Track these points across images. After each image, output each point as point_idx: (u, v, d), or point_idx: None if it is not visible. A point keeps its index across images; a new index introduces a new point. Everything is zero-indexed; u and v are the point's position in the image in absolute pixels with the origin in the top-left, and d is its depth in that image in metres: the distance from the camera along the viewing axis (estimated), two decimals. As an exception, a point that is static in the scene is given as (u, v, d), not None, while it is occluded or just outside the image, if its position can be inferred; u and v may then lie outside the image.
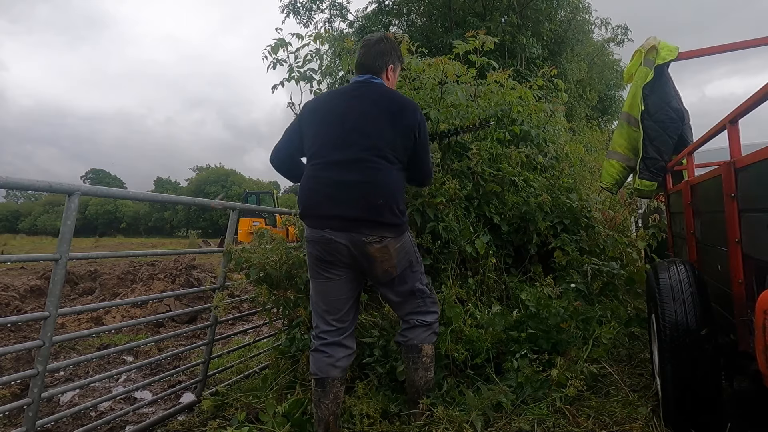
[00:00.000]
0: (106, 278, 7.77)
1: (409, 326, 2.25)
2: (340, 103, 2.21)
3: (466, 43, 3.50)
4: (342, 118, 2.14)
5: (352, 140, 2.09)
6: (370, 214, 2.03)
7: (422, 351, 2.23)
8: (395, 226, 2.09)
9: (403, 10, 16.83)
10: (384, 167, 2.09)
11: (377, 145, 2.08)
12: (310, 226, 2.12)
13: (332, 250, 2.07)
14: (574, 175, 3.94)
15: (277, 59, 3.33)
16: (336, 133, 2.12)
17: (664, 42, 3.07)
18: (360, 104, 2.16)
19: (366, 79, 2.26)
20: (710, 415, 1.76)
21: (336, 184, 2.05)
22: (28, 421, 2.01)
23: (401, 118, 2.14)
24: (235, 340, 4.30)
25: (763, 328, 1.23)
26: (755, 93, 1.55)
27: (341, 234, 2.04)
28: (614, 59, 19.47)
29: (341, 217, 2.03)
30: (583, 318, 2.81)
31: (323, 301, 2.15)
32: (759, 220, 1.50)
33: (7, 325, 4.87)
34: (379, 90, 2.22)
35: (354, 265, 2.12)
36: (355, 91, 2.23)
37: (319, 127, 2.17)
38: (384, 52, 2.30)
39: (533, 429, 2.08)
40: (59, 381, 3.66)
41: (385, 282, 2.19)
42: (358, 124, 2.11)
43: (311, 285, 2.20)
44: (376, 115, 2.12)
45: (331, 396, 2.09)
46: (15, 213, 67.98)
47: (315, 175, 2.12)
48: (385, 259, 2.09)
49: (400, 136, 2.13)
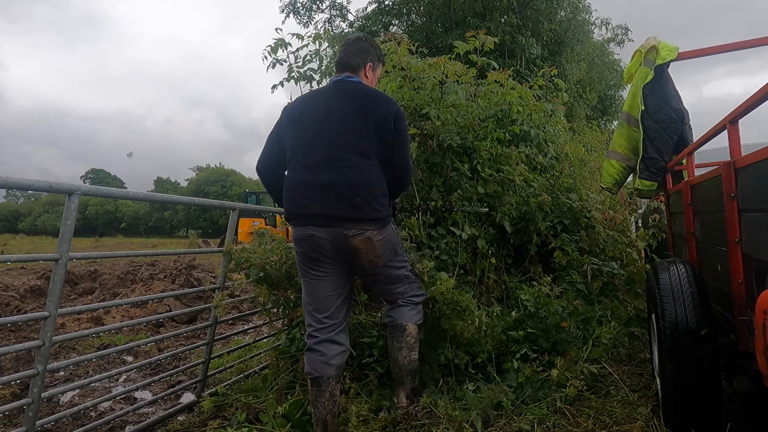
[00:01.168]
0: (106, 278, 7.76)
1: (396, 306, 2.30)
2: (315, 104, 2.23)
3: (466, 43, 3.51)
4: (316, 120, 2.16)
5: (327, 140, 2.12)
6: (350, 211, 2.07)
7: (406, 330, 2.27)
8: (376, 220, 2.12)
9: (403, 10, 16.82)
10: (361, 164, 2.11)
11: (352, 143, 2.11)
12: (295, 225, 2.15)
13: (316, 246, 2.10)
14: (574, 175, 3.94)
15: (276, 59, 3.33)
16: (311, 135, 2.15)
17: (664, 42, 3.07)
18: (334, 103, 2.18)
19: (342, 78, 2.29)
20: (710, 415, 1.76)
21: (314, 186, 2.09)
22: (28, 421, 2.00)
23: (375, 111, 2.14)
24: (235, 340, 4.30)
25: (763, 328, 1.23)
26: (755, 93, 1.55)
27: (323, 230, 2.07)
28: (614, 59, 19.45)
29: (322, 215, 2.07)
30: (583, 318, 2.81)
31: (313, 299, 2.17)
32: (759, 220, 1.50)
33: (7, 325, 4.87)
34: (354, 87, 2.24)
35: (339, 260, 2.15)
36: (330, 91, 2.26)
37: (296, 131, 2.19)
38: (362, 50, 2.32)
39: (533, 429, 2.08)
40: (59, 381, 3.66)
41: (373, 272, 2.23)
42: (332, 124, 2.13)
43: (302, 285, 2.22)
44: (350, 111, 2.14)
45: (327, 395, 2.10)
46: (15, 213, 68.00)
47: (295, 178, 2.16)
48: (369, 250, 2.13)
49: (375, 129, 2.13)
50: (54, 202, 60.04)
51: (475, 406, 2.17)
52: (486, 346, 2.52)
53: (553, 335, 2.66)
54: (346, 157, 2.09)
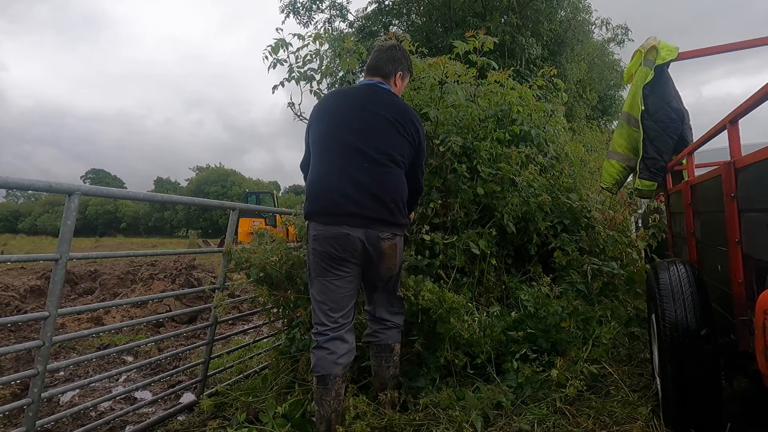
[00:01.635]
0: (106, 278, 7.76)
1: (385, 327, 2.36)
2: (350, 104, 2.25)
3: (466, 43, 3.50)
4: (353, 120, 2.19)
5: (363, 142, 2.15)
6: (384, 214, 2.13)
7: (394, 350, 2.36)
8: (403, 226, 2.25)
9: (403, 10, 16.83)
10: (393, 170, 2.19)
11: (388, 150, 2.17)
12: (324, 223, 2.13)
13: (347, 246, 2.11)
14: (574, 175, 3.93)
15: (277, 59, 3.33)
16: (346, 134, 2.17)
17: (664, 42, 3.07)
18: (369, 106, 2.21)
19: (375, 83, 2.32)
20: (710, 415, 1.76)
21: (351, 184, 2.11)
22: (28, 421, 2.01)
23: (408, 124, 2.24)
24: (235, 340, 4.30)
25: (763, 328, 1.23)
26: (755, 93, 1.55)
27: (359, 230, 2.10)
28: (614, 59, 19.46)
29: (359, 215, 2.10)
30: (583, 318, 2.81)
31: (330, 299, 2.16)
32: (759, 220, 1.50)
33: (7, 325, 4.87)
34: (387, 96, 2.29)
35: (361, 262, 2.18)
36: (362, 94, 2.28)
37: (326, 128, 2.22)
38: (395, 58, 2.37)
39: (533, 429, 2.08)
40: (59, 381, 3.66)
41: (384, 279, 2.28)
42: (368, 127, 2.18)
43: (314, 283, 2.20)
44: (385, 119, 2.19)
45: (333, 393, 2.10)
46: (15, 213, 67.97)
47: (329, 176, 2.16)
48: (392, 256, 2.21)
49: (405, 140, 2.23)
50: (54, 202, 60.03)
51: (475, 406, 2.17)
52: (485, 346, 2.52)
53: (552, 335, 2.66)
54: (383, 162, 2.16)
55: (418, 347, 2.53)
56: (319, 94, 3.47)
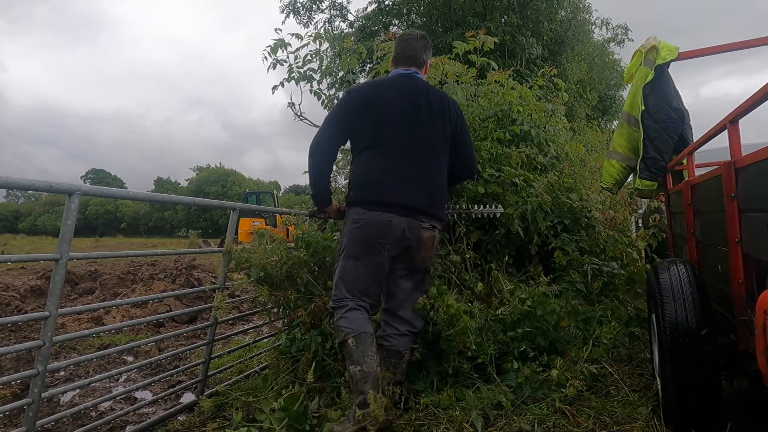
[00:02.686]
0: (106, 278, 7.76)
1: (399, 333, 2.31)
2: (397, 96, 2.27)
3: (466, 43, 3.51)
4: (404, 112, 2.24)
5: (413, 137, 2.21)
6: (430, 207, 2.22)
7: (403, 357, 2.32)
8: (443, 220, 2.36)
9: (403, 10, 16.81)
10: (439, 165, 2.26)
11: (436, 143, 2.25)
12: (370, 209, 2.18)
13: (388, 232, 2.15)
14: (574, 175, 3.93)
15: (277, 59, 3.34)
16: (397, 129, 2.21)
17: (665, 42, 3.07)
18: (414, 98, 2.26)
19: (412, 72, 2.35)
20: (710, 415, 1.76)
21: (400, 176, 2.18)
22: (28, 421, 2.00)
23: (451, 113, 2.31)
24: (235, 340, 4.30)
25: (763, 328, 1.23)
26: (755, 93, 1.55)
27: (402, 219, 2.16)
28: (614, 59, 19.44)
29: (407, 206, 2.16)
30: (583, 318, 2.81)
31: (362, 284, 2.22)
32: (759, 220, 1.50)
33: (7, 325, 4.87)
34: (427, 86, 2.34)
35: (396, 252, 2.22)
36: (405, 84, 2.31)
37: (373, 118, 2.23)
38: (426, 47, 2.42)
39: (533, 429, 2.08)
40: (59, 381, 3.66)
41: (417, 268, 2.31)
42: (418, 121, 2.22)
43: (346, 263, 2.23)
44: (431, 111, 2.25)
45: (374, 348, 2.11)
46: (15, 213, 67.98)
47: (378, 167, 2.21)
48: (429, 247, 2.27)
49: (450, 130, 2.31)
50: (54, 202, 60.02)
51: (476, 406, 2.17)
52: (489, 349, 2.51)
53: (551, 334, 2.65)
54: (431, 156, 2.24)
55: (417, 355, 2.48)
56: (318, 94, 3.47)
